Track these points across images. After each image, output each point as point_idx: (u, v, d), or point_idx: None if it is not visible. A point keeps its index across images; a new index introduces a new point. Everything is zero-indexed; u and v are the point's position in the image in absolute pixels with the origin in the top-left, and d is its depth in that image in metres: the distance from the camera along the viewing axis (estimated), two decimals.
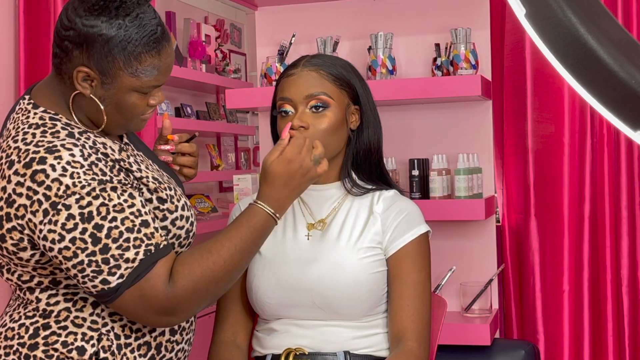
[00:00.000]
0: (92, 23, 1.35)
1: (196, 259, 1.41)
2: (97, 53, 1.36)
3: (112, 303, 1.37)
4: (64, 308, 1.43)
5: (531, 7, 0.79)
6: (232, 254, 1.43)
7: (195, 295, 1.40)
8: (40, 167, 1.33)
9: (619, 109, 0.78)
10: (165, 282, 1.37)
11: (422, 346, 1.66)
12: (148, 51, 1.38)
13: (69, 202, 1.33)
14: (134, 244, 1.35)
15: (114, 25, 1.35)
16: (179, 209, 1.49)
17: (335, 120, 1.68)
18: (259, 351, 1.74)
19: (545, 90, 2.64)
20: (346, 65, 1.75)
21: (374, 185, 1.78)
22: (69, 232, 1.33)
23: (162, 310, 1.38)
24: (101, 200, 1.34)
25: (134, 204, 1.38)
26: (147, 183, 1.46)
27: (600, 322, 2.61)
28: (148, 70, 1.39)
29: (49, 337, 1.42)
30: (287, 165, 1.50)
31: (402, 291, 1.68)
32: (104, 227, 1.34)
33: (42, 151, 1.35)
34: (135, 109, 1.43)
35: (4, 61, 2.79)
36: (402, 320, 1.66)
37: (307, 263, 1.68)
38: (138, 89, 1.40)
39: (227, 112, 4.41)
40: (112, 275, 1.34)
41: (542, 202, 2.66)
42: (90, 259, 1.33)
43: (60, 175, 1.33)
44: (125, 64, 1.37)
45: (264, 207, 1.49)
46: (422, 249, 1.71)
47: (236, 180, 2.46)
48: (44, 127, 1.39)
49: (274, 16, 2.74)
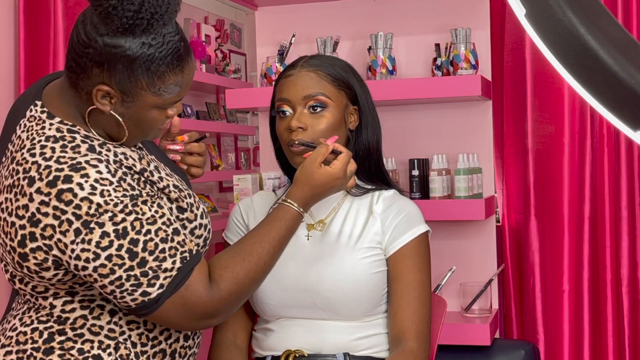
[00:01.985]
0: (115, 43, 1.30)
1: (238, 262, 1.43)
2: (120, 73, 1.31)
3: (152, 314, 1.35)
4: (81, 315, 1.41)
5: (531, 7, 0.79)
6: (270, 254, 1.47)
7: (237, 297, 1.42)
8: (66, 185, 1.30)
9: (619, 109, 0.78)
10: (206, 286, 1.37)
11: (422, 346, 1.66)
12: (172, 69, 1.34)
13: (102, 220, 1.30)
14: (169, 254, 1.35)
15: (137, 44, 1.30)
16: (198, 218, 1.48)
17: (333, 121, 1.68)
18: (259, 352, 1.74)
19: (545, 90, 2.64)
20: (344, 66, 1.75)
21: (373, 185, 1.78)
22: (104, 250, 1.31)
23: (205, 314, 1.39)
24: (134, 215, 1.32)
25: (164, 214, 1.37)
26: (169, 193, 1.44)
27: (600, 322, 2.61)
28: (171, 88, 1.36)
29: (64, 343, 1.39)
30: (332, 180, 1.55)
31: (402, 291, 1.68)
32: (139, 241, 1.32)
33: (67, 169, 1.31)
34: (155, 123, 1.41)
35: (4, 61, 2.79)
36: (402, 321, 1.66)
37: (307, 263, 1.68)
38: (159, 106, 1.38)
39: (227, 112, 4.41)
40: (152, 287, 1.33)
41: (542, 202, 2.66)
42: (129, 273, 1.32)
43: (90, 194, 1.30)
44: (149, 84, 1.33)
45: (298, 209, 1.53)
46: (422, 248, 1.71)
47: (236, 180, 2.45)
48: (63, 140, 1.35)
49: (274, 16, 2.74)
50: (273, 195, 1.85)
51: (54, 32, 2.78)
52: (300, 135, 1.66)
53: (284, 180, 1.94)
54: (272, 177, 2.39)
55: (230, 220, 1.85)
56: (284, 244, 1.51)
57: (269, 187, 2.37)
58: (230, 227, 1.83)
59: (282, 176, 1.98)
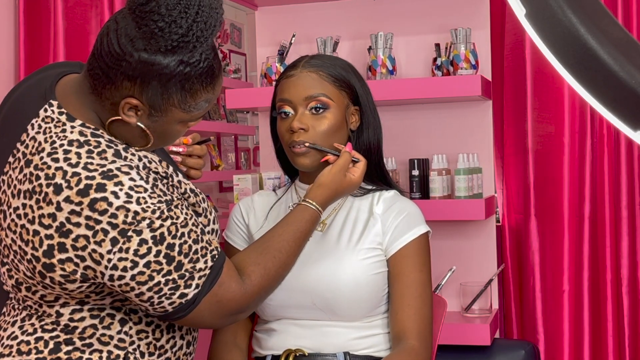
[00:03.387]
0: (152, 60, 1.26)
1: (269, 259, 1.45)
2: (153, 89, 1.28)
3: (186, 317, 1.35)
4: (90, 325, 1.37)
5: (531, 7, 0.79)
6: (296, 254, 1.51)
7: (266, 292, 1.45)
8: (100, 195, 1.25)
9: (619, 109, 0.78)
10: (238, 281, 1.39)
11: (424, 345, 1.66)
12: (204, 87, 1.32)
13: (140, 228, 1.28)
14: (201, 254, 1.35)
15: (175, 63, 1.27)
16: (211, 223, 1.49)
17: (335, 122, 1.68)
18: (259, 352, 1.74)
19: (545, 90, 2.64)
20: (346, 66, 1.74)
21: (374, 185, 1.77)
22: (143, 257, 1.29)
23: (238, 309, 1.40)
24: (170, 220, 1.31)
25: (192, 215, 1.38)
26: (188, 198, 1.44)
27: (600, 322, 2.61)
28: (200, 104, 1.35)
29: (72, 353, 1.35)
30: (351, 187, 1.62)
31: (403, 291, 1.68)
32: (175, 245, 1.32)
33: (98, 176, 1.27)
34: (177, 135, 1.41)
35: (4, 61, 2.80)
36: (403, 320, 1.66)
37: (308, 264, 1.68)
38: (186, 120, 1.37)
39: (227, 112, 4.41)
40: (189, 288, 1.33)
41: (542, 202, 2.66)
42: (167, 278, 1.31)
43: (126, 202, 1.26)
44: (180, 102, 1.31)
45: (318, 210, 1.56)
46: (422, 249, 1.71)
47: (236, 180, 2.45)
48: (88, 144, 1.30)
49: (274, 16, 2.74)
50: (273, 195, 1.85)
51: (54, 32, 2.78)
52: (302, 137, 1.66)
53: (284, 180, 1.94)
54: (272, 177, 2.39)
55: (230, 220, 1.85)
56: (305, 243, 1.54)
57: (269, 187, 2.37)
58: (231, 226, 1.83)
59: (282, 176, 1.98)
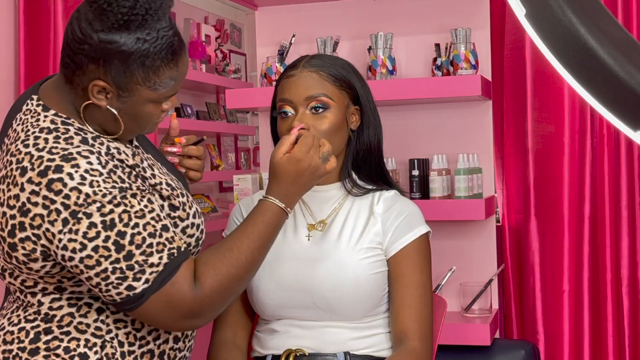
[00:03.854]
0: (109, 39, 1.31)
1: (219, 258, 1.41)
2: (115, 69, 1.33)
3: (136, 310, 1.34)
4: (68, 313, 1.40)
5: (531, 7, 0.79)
6: (252, 251, 1.44)
7: (221, 296, 1.40)
8: (56, 175, 1.30)
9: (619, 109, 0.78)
10: (191, 284, 1.36)
11: (425, 346, 1.66)
12: (166, 64, 1.36)
13: (90, 211, 1.30)
14: (157, 249, 1.34)
15: (132, 40, 1.31)
16: (190, 217, 1.48)
17: (335, 121, 1.68)
18: (259, 351, 1.74)
19: (545, 90, 2.64)
20: (346, 66, 1.74)
21: (374, 185, 1.77)
22: (91, 241, 1.30)
23: (189, 313, 1.37)
24: (123, 207, 1.32)
25: (154, 209, 1.37)
26: (161, 190, 1.44)
27: (600, 322, 2.61)
28: (166, 82, 1.38)
29: (50, 342, 1.38)
30: (297, 163, 1.51)
31: (404, 292, 1.68)
32: (126, 233, 1.32)
33: (58, 159, 1.31)
34: (151, 117, 1.42)
35: (4, 61, 2.79)
36: (404, 321, 1.66)
37: (308, 264, 1.68)
38: (155, 100, 1.39)
39: (227, 112, 4.40)
40: (137, 281, 1.32)
41: (542, 202, 2.66)
42: (115, 266, 1.31)
43: (79, 184, 1.30)
44: (144, 79, 1.35)
45: (275, 202, 1.49)
46: (423, 249, 1.71)
47: (236, 180, 2.45)
48: (57, 131, 1.36)
49: (274, 16, 2.74)
50: None
51: (54, 32, 2.78)
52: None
53: None
54: None
55: (230, 220, 1.85)
56: (265, 238, 1.47)
57: None
58: (231, 226, 1.83)
59: None
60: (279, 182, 1.51)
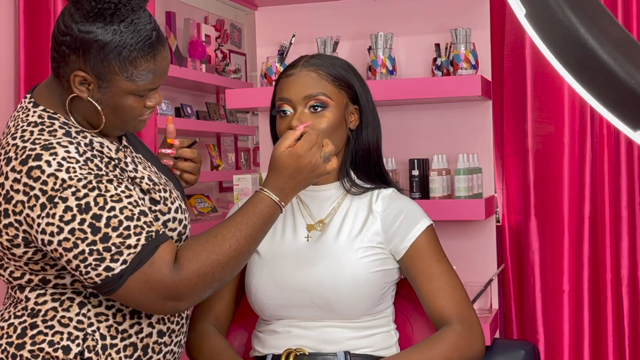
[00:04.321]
0: (87, 29, 1.37)
1: (201, 243, 1.43)
2: (93, 58, 1.39)
3: (116, 292, 1.37)
4: (51, 307, 1.45)
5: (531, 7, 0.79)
6: (238, 239, 1.44)
7: (201, 279, 1.40)
8: (35, 163, 1.36)
9: (619, 109, 0.78)
10: (169, 265, 1.38)
11: (467, 327, 1.65)
12: (143, 56, 1.40)
13: (66, 195, 1.35)
14: (134, 232, 1.37)
15: (109, 31, 1.38)
16: (172, 211, 1.50)
17: (334, 120, 1.68)
18: (259, 351, 1.74)
19: (545, 90, 2.64)
20: (345, 65, 1.75)
21: (372, 184, 1.78)
22: (67, 224, 1.35)
23: (169, 294, 1.39)
24: (97, 192, 1.37)
25: (131, 195, 1.40)
26: (141, 183, 1.48)
27: (600, 322, 2.61)
28: (143, 74, 1.42)
29: (36, 337, 1.43)
30: (297, 159, 1.51)
31: (428, 286, 1.68)
32: (102, 216, 1.36)
33: (38, 148, 1.37)
34: (133, 111, 1.46)
35: (4, 61, 2.79)
36: (439, 311, 1.67)
37: (306, 263, 1.68)
38: (134, 92, 1.43)
39: (227, 112, 4.40)
40: (115, 262, 1.35)
41: (542, 202, 2.66)
42: (92, 248, 1.35)
43: (56, 170, 1.36)
44: (121, 69, 1.40)
45: (270, 195, 1.50)
46: (432, 240, 1.72)
47: (236, 180, 2.45)
48: (42, 125, 1.43)
49: (274, 16, 2.74)
50: None
51: None
52: None
53: None
54: None
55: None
56: (254, 228, 1.47)
57: None
58: None
59: None
60: (277, 176, 1.52)
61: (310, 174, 1.53)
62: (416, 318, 1.81)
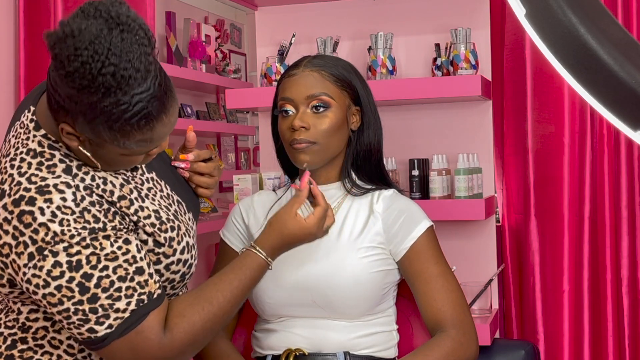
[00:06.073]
0: (76, 98, 1.20)
1: (197, 311, 1.39)
2: (81, 125, 1.23)
3: (100, 351, 1.32)
4: (43, 327, 1.39)
5: (531, 7, 0.79)
6: (231, 304, 1.44)
7: (191, 347, 1.39)
8: (28, 208, 1.26)
9: (619, 109, 0.78)
10: (158, 334, 1.33)
11: (461, 331, 1.66)
12: (138, 129, 1.23)
13: (57, 250, 1.26)
14: (125, 294, 1.30)
15: (98, 105, 1.19)
16: (177, 253, 1.42)
17: (336, 121, 1.68)
18: (259, 352, 1.74)
19: (545, 90, 2.64)
20: (347, 66, 1.75)
21: (373, 185, 1.78)
22: (55, 280, 1.27)
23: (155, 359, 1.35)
24: (91, 249, 1.28)
25: (129, 250, 1.32)
26: (144, 227, 1.38)
27: (600, 322, 2.61)
28: (139, 144, 1.26)
29: (25, 352, 1.38)
30: (306, 234, 1.56)
31: (425, 288, 1.68)
32: (93, 276, 1.28)
33: (34, 189, 1.27)
34: (131, 162, 1.35)
35: (4, 61, 2.79)
36: (435, 314, 1.67)
37: (307, 262, 1.68)
38: (129, 154, 1.30)
39: (227, 112, 4.40)
40: (100, 325, 1.29)
41: (542, 202, 2.66)
42: (77, 307, 1.28)
43: (49, 221, 1.26)
44: (112, 139, 1.24)
45: (264, 257, 1.52)
46: (431, 242, 1.72)
47: (236, 180, 2.45)
48: (42, 156, 1.31)
49: (274, 16, 2.74)
50: (274, 195, 1.85)
51: None
52: (303, 135, 1.66)
53: (284, 180, 1.95)
54: (272, 177, 2.39)
55: (229, 220, 1.85)
56: (245, 293, 1.48)
57: (269, 187, 2.36)
58: (229, 227, 1.83)
59: (282, 176, 1.98)
60: (277, 239, 1.54)
61: (307, 242, 1.58)
62: (416, 318, 1.81)
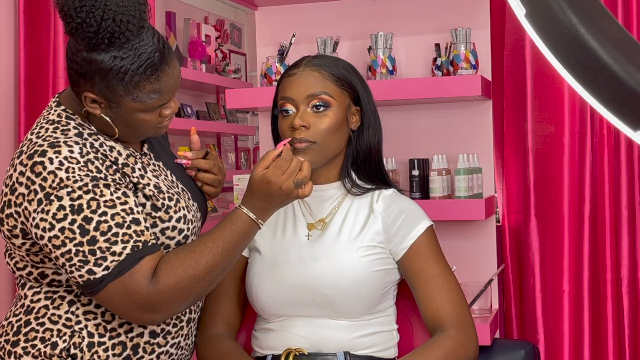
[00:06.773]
0: (89, 57, 1.40)
1: (179, 257, 1.45)
2: (98, 84, 1.42)
3: (97, 295, 1.41)
4: (44, 305, 1.51)
5: (531, 7, 0.79)
6: (215, 255, 1.47)
7: (176, 293, 1.43)
8: (40, 159, 1.41)
9: (619, 109, 0.78)
10: (148, 278, 1.41)
11: (461, 331, 1.65)
12: (146, 79, 1.42)
13: (61, 194, 1.39)
14: (122, 239, 1.40)
15: (109, 58, 1.40)
16: (172, 220, 1.52)
17: (336, 120, 1.69)
18: (259, 352, 1.74)
19: (545, 90, 2.64)
20: (347, 66, 1.75)
21: (373, 185, 1.78)
22: (59, 222, 1.39)
23: (144, 306, 1.41)
24: (92, 195, 1.40)
25: (127, 202, 1.43)
26: (144, 189, 1.50)
27: (600, 322, 2.61)
28: (149, 95, 1.44)
29: (29, 334, 1.49)
30: (267, 185, 1.51)
31: (425, 287, 1.68)
32: (92, 220, 1.39)
33: (46, 145, 1.42)
34: (147, 124, 1.49)
35: (4, 61, 2.80)
36: (434, 314, 1.67)
37: (307, 262, 1.68)
38: (144, 110, 1.46)
39: (227, 112, 4.41)
40: (98, 267, 1.39)
41: (542, 202, 2.66)
42: (78, 248, 1.39)
43: (57, 169, 1.40)
44: (126, 93, 1.42)
45: (247, 213, 1.52)
46: (431, 242, 1.72)
47: (236, 180, 2.46)
48: (59, 124, 1.49)
49: (274, 16, 2.74)
50: None
51: (54, 32, 2.78)
52: (303, 134, 1.66)
53: None
54: None
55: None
56: (230, 245, 1.49)
57: None
58: None
59: None
60: (252, 196, 1.53)
61: (282, 197, 1.53)
62: (416, 318, 1.81)
